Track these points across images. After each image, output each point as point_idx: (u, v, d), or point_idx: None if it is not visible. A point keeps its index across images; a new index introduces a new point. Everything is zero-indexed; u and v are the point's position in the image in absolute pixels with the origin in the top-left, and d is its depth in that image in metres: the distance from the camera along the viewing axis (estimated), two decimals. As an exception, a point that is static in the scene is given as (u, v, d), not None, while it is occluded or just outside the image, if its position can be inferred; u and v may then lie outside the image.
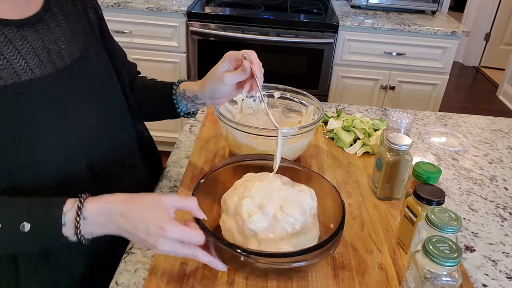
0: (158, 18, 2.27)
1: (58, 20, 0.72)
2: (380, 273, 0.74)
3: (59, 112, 0.69)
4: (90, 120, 0.74)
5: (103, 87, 0.79)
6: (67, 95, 0.70)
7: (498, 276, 0.77)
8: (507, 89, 3.92)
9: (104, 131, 0.77)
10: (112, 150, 0.80)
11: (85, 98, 0.73)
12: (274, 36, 2.25)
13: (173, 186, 0.95)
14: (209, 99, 0.85)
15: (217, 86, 0.81)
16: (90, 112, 0.74)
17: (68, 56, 0.71)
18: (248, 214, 0.70)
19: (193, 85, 0.87)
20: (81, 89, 0.73)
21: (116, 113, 0.82)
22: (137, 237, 0.64)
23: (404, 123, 0.91)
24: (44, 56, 0.67)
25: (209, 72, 0.83)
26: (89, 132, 0.74)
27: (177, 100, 0.89)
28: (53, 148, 0.68)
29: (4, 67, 0.62)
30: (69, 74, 0.71)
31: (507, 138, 1.28)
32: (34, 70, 0.66)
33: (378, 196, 0.93)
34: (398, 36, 2.28)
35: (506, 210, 0.95)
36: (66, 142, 0.70)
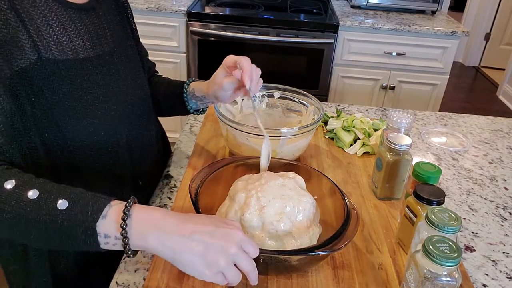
0: (158, 18, 2.27)
1: (104, 10, 0.81)
2: (380, 273, 0.74)
3: (107, 88, 0.76)
4: (128, 97, 0.82)
5: (135, 75, 0.87)
6: (111, 74, 0.78)
7: (498, 276, 0.77)
8: (507, 89, 3.92)
9: (136, 110, 0.85)
10: (142, 133, 0.87)
11: (123, 80, 0.81)
12: (274, 36, 2.25)
13: (173, 186, 0.95)
14: (215, 100, 0.93)
15: (217, 91, 0.88)
16: (128, 93, 0.82)
17: (113, 42, 0.80)
18: (250, 211, 0.70)
19: (202, 85, 0.94)
20: (120, 72, 0.81)
21: (143, 100, 0.89)
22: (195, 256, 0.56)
23: (404, 123, 0.91)
24: (95, 39, 0.76)
25: (212, 77, 0.90)
26: (127, 106, 0.82)
27: (187, 99, 0.96)
28: (101, 116, 0.75)
29: (68, 43, 0.70)
30: (112, 58, 0.79)
31: (507, 138, 1.28)
32: (88, 49, 0.74)
33: (378, 196, 0.93)
34: (398, 36, 2.28)
35: (506, 210, 0.95)
36: (112, 113, 0.77)
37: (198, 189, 0.74)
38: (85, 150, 0.74)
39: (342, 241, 0.66)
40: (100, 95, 0.75)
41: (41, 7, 0.67)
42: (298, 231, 0.71)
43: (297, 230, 0.71)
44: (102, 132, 0.76)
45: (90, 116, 0.73)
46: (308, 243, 0.71)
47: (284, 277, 0.72)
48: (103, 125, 0.76)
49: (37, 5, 0.67)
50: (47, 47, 0.67)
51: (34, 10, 0.66)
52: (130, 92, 0.83)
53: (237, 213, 0.71)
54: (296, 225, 0.71)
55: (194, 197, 0.72)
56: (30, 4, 0.66)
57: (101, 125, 0.76)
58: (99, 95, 0.75)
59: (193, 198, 0.72)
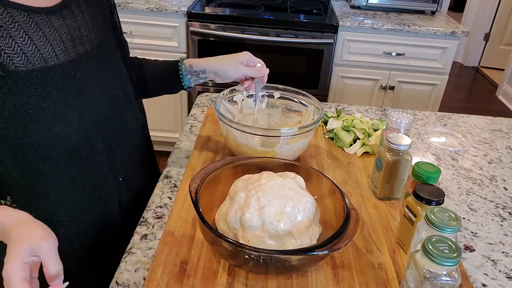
0: (158, 19, 2.27)
1: (81, 8, 0.77)
2: (380, 273, 0.74)
3: (80, 94, 0.73)
4: (105, 100, 0.79)
5: (116, 72, 0.84)
6: (85, 78, 0.75)
7: (498, 276, 0.78)
8: (507, 89, 3.92)
9: (115, 110, 0.82)
10: (122, 134, 0.86)
11: (101, 81, 0.78)
12: (274, 36, 2.25)
13: (173, 186, 0.95)
14: (214, 75, 0.98)
15: (228, 70, 0.97)
16: (106, 93, 0.79)
17: (89, 43, 0.76)
18: (250, 210, 0.70)
19: (200, 60, 0.99)
20: (98, 73, 0.78)
21: (125, 99, 0.87)
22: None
23: (404, 123, 0.91)
24: (68, 42, 0.72)
25: (223, 56, 0.98)
26: (104, 110, 0.79)
27: (183, 75, 0.98)
28: (73, 125, 0.72)
29: (33, 52, 0.66)
30: (89, 59, 0.76)
31: (506, 138, 1.28)
32: (59, 55, 0.70)
33: (378, 196, 0.93)
34: (397, 36, 2.28)
35: (505, 210, 0.96)
36: (85, 119, 0.74)
37: (198, 189, 0.74)
38: (57, 158, 0.72)
39: (342, 241, 0.66)
40: (72, 102, 0.71)
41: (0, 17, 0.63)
42: (298, 231, 0.71)
43: (297, 230, 0.71)
44: (74, 140, 0.73)
45: (60, 125, 0.70)
46: (308, 243, 0.71)
47: (284, 277, 0.72)
48: (77, 133, 0.73)
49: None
50: (8, 61, 0.64)
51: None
52: (109, 93, 0.80)
53: (237, 213, 0.72)
54: (296, 225, 0.71)
55: (194, 197, 0.72)
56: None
57: (75, 133, 0.73)
58: (71, 102, 0.71)
59: (193, 198, 0.72)
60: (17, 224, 0.58)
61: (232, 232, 0.72)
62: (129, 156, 0.90)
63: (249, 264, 0.69)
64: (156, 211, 0.87)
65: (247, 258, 0.67)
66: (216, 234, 0.66)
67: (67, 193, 0.76)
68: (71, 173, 0.75)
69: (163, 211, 0.87)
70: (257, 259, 0.66)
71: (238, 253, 0.67)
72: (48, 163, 0.71)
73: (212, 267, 0.72)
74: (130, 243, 0.79)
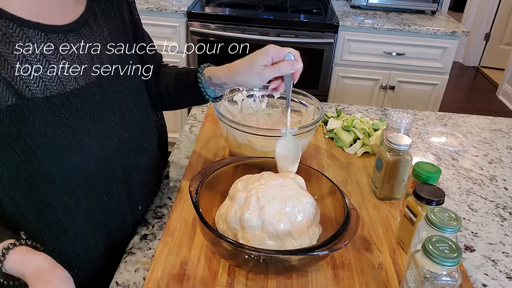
0: (158, 18, 2.27)
1: (100, 21, 0.71)
2: (380, 273, 0.74)
3: (100, 118, 0.68)
4: (125, 123, 0.74)
5: (136, 90, 0.79)
6: (105, 101, 0.70)
7: (498, 276, 0.78)
8: (507, 89, 3.92)
9: (134, 134, 0.77)
10: (140, 159, 0.80)
11: (121, 102, 0.73)
12: (274, 36, 2.25)
13: (173, 186, 0.95)
14: (237, 85, 0.86)
15: (252, 79, 0.82)
16: (126, 115, 0.74)
17: (109, 61, 0.71)
18: (250, 211, 0.70)
19: (219, 71, 0.85)
20: (118, 94, 0.73)
21: (146, 115, 0.82)
22: None
23: (404, 123, 0.91)
24: (87, 64, 0.67)
25: (244, 61, 0.82)
26: (124, 134, 0.74)
27: (204, 87, 0.88)
28: (93, 153, 0.67)
29: (51, 77, 0.62)
30: (109, 80, 0.71)
31: (506, 138, 1.28)
32: (78, 79, 0.65)
33: (378, 196, 0.93)
34: (398, 36, 2.28)
35: (506, 210, 0.96)
36: (106, 146, 0.69)
37: (198, 189, 0.74)
38: (76, 190, 0.67)
39: (342, 241, 0.66)
40: (92, 128, 0.67)
41: (15, 40, 0.58)
42: (298, 231, 0.71)
43: (297, 230, 0.71)
44: (94, 170, 0.68)
45: (80, 154, 0.65)
46: (308, 243, 0.71)
47: (284, 277, 0.72)
48: (97, 161, 0.68)
49: (10, 38, 0.58)
50: (24, 88, 0.59)
51: (4, 46, 0.58)
52: (129, 114, 0.75)
53: (237, 213, 0.71)
54: (296, 225, 0.71)
55: (194, 197, 0.72)
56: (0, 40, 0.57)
57: (95, 161, 0.68)
58: (91, 128, 0.67)
59: (193, 198, 0.72)
60: (35, 274, 0.55)
61: (232, 232, 0.72)
62: (147, 180, 0.85)
63: (249, 264, 0.69)
64: (156, 211, 0.87)
65: (247, 258, 0.66)
66: (216, 234, 0.66)
67: (84, 226, 0.71)
68: (90, 204, 0.70)
69: (163, 211, 0.87)
70: (257, 259, 0.66)
71: (238, 253, 0.66)
72: (66, 196, 0.66)
73: (212, 267, 0.72)
74: (130, 243, 0.79)
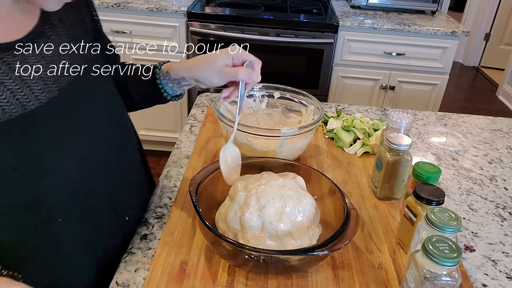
0: (158, 18, 2.27)
1: (58, 29, 0.66)
2: (380, 273, 0.74)
3: (70, 134, 0.64)
4: (100, 132, 0.70)
5: (107, 94, 0.75)
6: (74, 114, 0.65)
7: (498, 276, 0.78)
8: (507, 89, 3.92)
9: (112, 141, 0.74)
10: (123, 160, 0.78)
11: (92, 110, 0.69)
12: (274, 36, 2.25)
13: (173, 186, 0.95)
14: (196, 82, 0.83)
15: (210, 76, 0.79)
16: (99, 124, 0.70)
17: (72, 70, 0.66)
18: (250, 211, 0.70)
19: (178, 65, 0.83)
20: (88, 103, 0.68)
21: (121, 119, 0.79)
22: None
23: (404, 123, 0.91)
24: (48, 77, 0.61)
25: (204, 57, 0.80)
26: (101, 144, 0.70)
27: (162, 84, 0.85)
28: (73, 170, 0.63)
29: (8, 99, 0.56)
30: (75, 91, 0.65)
31: (507, 138, 1.28)
32: (40, 96, 0.60)
33: (378, 196, 0.93)
34: (398, 36, 2.28)
35: (506, 210, 0.96)
36: (84, 161, 0.66)
37: (198, 189, 0.74)
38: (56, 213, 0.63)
39: (342, 241, 0.66)
40: (65, 145, 0.62)
41: None
42: (298, 232, 0.71)
43: (297, 231, 0.71)
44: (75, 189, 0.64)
45: (56, 175, 0.60)
46: (308, 243, 0.71)
47: (284, 277, 0.72)
48: (77, 178, 0.64)
49: None
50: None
51: None
52: (103, 122, 0.70)
53: (237, 213, 0.71)
54: (296, 226, 0.71)
55: (194, 197, 0.72)
56: None
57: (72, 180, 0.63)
58: (64, 145, 0.62)
59: (193, 198, 0.72)
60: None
61: (232, 232, 0.72)
62: (131, 189, 0.81)
63: (249, 264, 0.69)
64: (156, 211, 0.87)
65: (247, 258, 0.66)
66: (216, 234, 0.66)
67: (69, 248, 0.68)
68: (74, 225, 0.67)
69: (163, 211, 0.87)
70: (257, 259, 0.66)
71: (238, 253, 0.66)
72: (47, 219, 0.62)
73: (212, 267, 0.72)
74: (130, 243, 0.79)
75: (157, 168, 2.57)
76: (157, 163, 2.54)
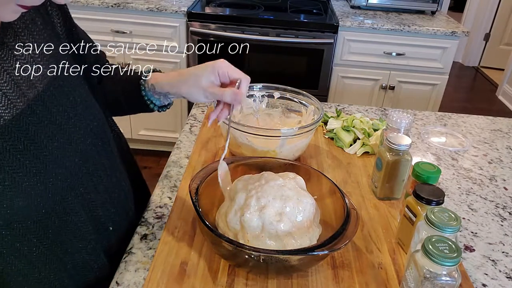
0: (158, 19, 2.27)
1: (22, 37, 0.60)
2: (380, 273, 0.74)
3: (39, 151, 0.59)
4: (73, 146, 0.64)
5: (81, 103, 0.68)
6: (45, 130, 0.60)
7: (498, 276, 0.78)
8: (507, 89, 3.92)
9: (88, 154, 0.68)
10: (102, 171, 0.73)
11: (64, 126, 0.63)
12: (274, 36, 2.25)
13: (173, 186, 0.95)
14: (183, 97, 0.78)
15: (196, 94, 0.75)
16: (72, 138, 0.64)
17: (39, 81, 0.60)
18: (250, 211, 0.70)
19: (164, 79, 0.79)
20: (58, 115, 0.62)
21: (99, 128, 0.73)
22: None
23: (404, 123, 0.92)
24: (12, 92, 0.56)
25: (190, 73, 0.76)
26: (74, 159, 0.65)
27: (148, 96, 0.80)
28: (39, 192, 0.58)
29: None
30: (43, 103, 0.60)
31: (506, 138, 1.28)
32: (3, 113, 0.54)
33: (378, 196, 0.93)
34: (397, 37, 2.28)
35: (505, 210, 0.96)
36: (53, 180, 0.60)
37: (198, 189, 0.74)
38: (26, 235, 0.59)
39: (342, 241, 0.66)
40: (30, 165, 0.57)
41: None
42: (298, 232, 0.71)
43: (297, 231, 0.71)
44: (43, 209, 0.59)
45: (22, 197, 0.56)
46: (308, 243, 0.71)
47: (284, 277, 0.72)
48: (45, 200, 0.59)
49: None
50: None
51: None
52: (77, 135, 0.65)
53: (237, 213, 0.72)
54: (296, 226, 0.71)
55: (194, 197, 0.72)
56: None
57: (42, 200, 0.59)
58: (30, 165, 0.57)
59: (193, 198, 0.72)
60: None
61: (232, 232, 0.72)
62: (114, 196, 0.76)
63: (249, 264, 0.69)
64: (156, 211, 0.87)
65: (247, 258, 0.67)
66: (216, 234, 0.66)
67: (48, 271, 0.64)
68: (48, 246, 0.62)
69: (163, 211, 0.87)
70: (257, 259, 0.66)
71: (238, 253, 0.67)
72: (17, 243, 0.58)
73: (212, 267, 0.72)
74: (130, 243, 0.79)
75: (157, 168, 2.58)
76: (157, 163, 2.54)
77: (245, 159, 0.88)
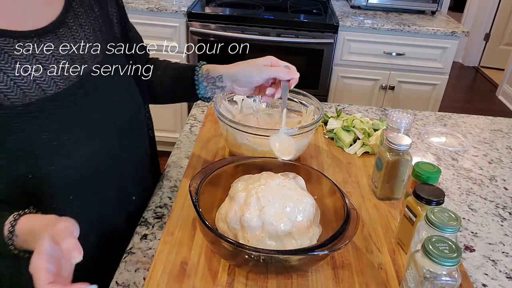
0: (158, 18, 2.27)
1: (80, 20, 0.69)
2: (380, 273, 0.74)
3: (83, 121, 0.67)
4: (112, 123, 0.73)
5: (125, 87, 0.78)
6: (90, 102, 0.69)
7: (498, 276, 0.78)
8: (507, 89, 3.92)
9: (124, 133, 0.77)
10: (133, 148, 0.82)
11: (107, 101, 0.72)
12: (274, 36, 2.25)
13: (173, 186, 0.95)
14: (232, 83, 0.87)
15: (251, 72, 0.85)
16: (112, 115, 0.73)
17: (91, 60, 0.69)
18: (250, 211, 0.70)
19: (218, 66, 0.88)
20: (103, 94, 0.72)
21: (136, 112, 0.82)
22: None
23: (404, 123, 0.91)
24: (67, 65, 0.65)
25: (243, 61, 0.87)
26: (112, 134, 0.73)
27: (198, 81, 0.88)
28: (79, 156, 0.67)
29: (29, 84, 0.61)
30: (92, 80, 0.69)
31: (506, 138, 1.28)
32: (59, 83, 0.64)
33: (378, 196, 0.93)
34: (397, 37, 2.28)
35: (505, 210, 0.96)
36: (92, 148, 0.69)
37: (198, 189, 0.74)
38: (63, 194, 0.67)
39: (342, 241, 0.66)
40: (75, 132, 0.66)
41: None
42: (298, 232, 0.71)
43: (297, 231, 0.71)
44: (81, 172, 0.68)
45: (65, 159, 0.64)
46: (308, 243, 0.71)
47: (284, 277, 0.72)
48: (83, 164, 0.68)
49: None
50: (2, 97, 0.59)
51: None
52: (117, 113, 0.74)
53: (237, 213, 0.72)
54: (296, 226, 0.71)
55: (194, 197, 0.72)
56: None
57: (80, 164, 0.67)
58: (74, 132, 0.66)
59: (193, 198, 0.72)
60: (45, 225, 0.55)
61: (232, 232, 0.72)
62: (140, 173, 0.87)
63: (249, 264, 0.69)
64: (156, 211, 0.87)
65: (247, 258, 0.67)
66: (216, 234, 0.66)
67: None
68: (81, 206, 0.71)
69: (163, 211, 0.87)
70: (257, 259, 0.66)
71: (238, 253, 0.67)
72: (54, 200, 0.66)
73: (212, 267, 0.72)
74: (130, 243, 0.79)
75: (157, 168, 2.57)
76: (159, 163, 2.54)
77: (245, 159, 0.87)
